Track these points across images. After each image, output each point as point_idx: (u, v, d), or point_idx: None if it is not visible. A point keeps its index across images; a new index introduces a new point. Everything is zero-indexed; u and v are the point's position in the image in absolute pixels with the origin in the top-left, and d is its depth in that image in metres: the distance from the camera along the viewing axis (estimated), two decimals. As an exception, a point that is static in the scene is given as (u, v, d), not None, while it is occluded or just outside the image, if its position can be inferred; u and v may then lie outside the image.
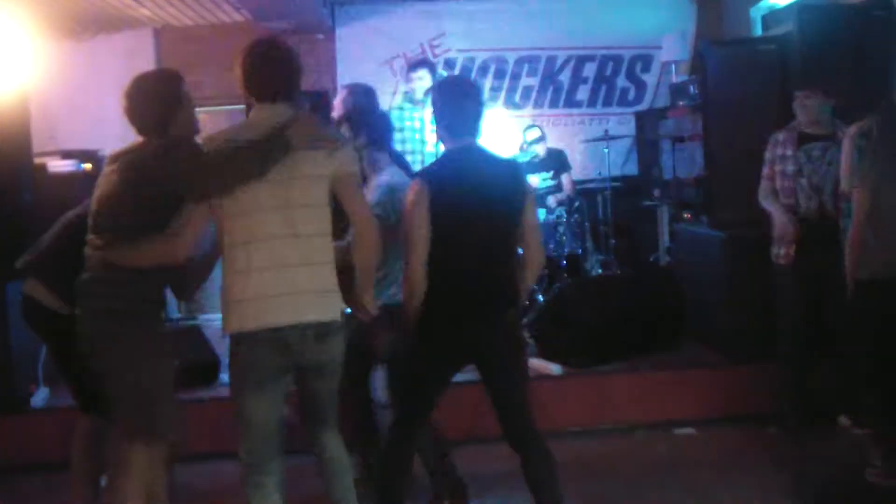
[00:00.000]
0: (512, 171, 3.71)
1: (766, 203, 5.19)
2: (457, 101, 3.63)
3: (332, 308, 3.34)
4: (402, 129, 6.50)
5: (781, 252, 5.08)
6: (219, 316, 3.37)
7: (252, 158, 3.16)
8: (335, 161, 3.32)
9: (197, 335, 6.12)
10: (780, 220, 5.06)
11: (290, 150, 3.21)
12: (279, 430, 3.36)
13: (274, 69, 3.35)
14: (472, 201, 3.50)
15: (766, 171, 5.19)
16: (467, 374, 3.82)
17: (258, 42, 3.40)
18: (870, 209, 4.33)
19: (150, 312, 3.48)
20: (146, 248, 3.34)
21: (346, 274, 3.40)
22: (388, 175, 4.16)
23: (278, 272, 3.23)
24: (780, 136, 5.13)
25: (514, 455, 3.69)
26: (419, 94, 6.65)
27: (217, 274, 3.58)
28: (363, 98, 5.09)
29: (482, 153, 3.67)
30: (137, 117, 3.51)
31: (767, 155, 5.17)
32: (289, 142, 3.20)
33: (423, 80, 6.69)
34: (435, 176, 3.58)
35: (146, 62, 8.91)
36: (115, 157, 3.56)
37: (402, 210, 3.61)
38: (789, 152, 5.05)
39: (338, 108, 5.12)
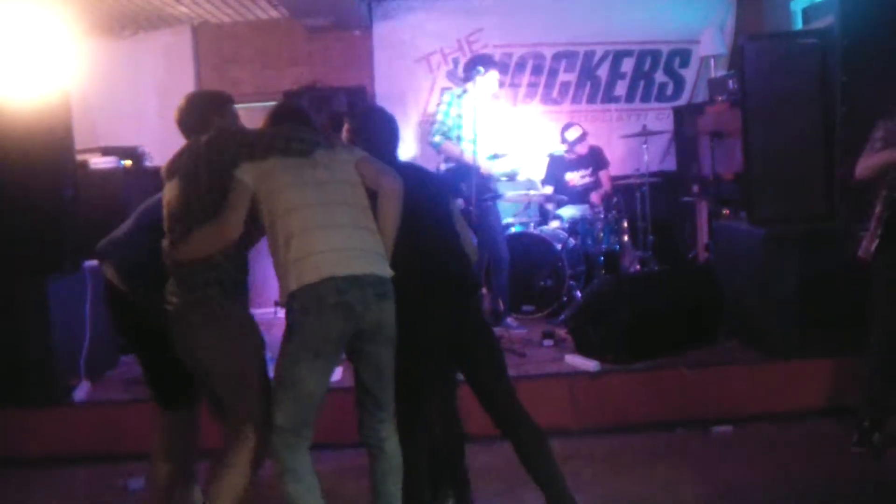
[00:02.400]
0: (435, 178, 4.13)
1: (868, 158, 4.68)
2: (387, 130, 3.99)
3: (386, 267, 3.47)
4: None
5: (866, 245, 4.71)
6: (258, 311, 3.43)
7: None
8: (356, 151, 3.68)
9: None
10: None
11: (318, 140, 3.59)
12: (321, 403, 3.42)
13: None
14: (412, 204, 3.64)
15: (875, 145, 4.66)
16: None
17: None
18: None
19: (225, 294, 3.51)
20: (199, 236, 3.42)
21: None
22: None
23: (328, 231, 3.39)
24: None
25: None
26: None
27: (255, 269, 3.66)
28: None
29: (408, 163, 4.11)
30: (184, 122, 3.79)
31: (875, 134, 4.68)
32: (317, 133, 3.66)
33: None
34: None
35: (184, 60, 9.00)
36: (169, 163, 3.68)
37: None
38: None
39: None
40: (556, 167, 8.24)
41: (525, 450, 3.71)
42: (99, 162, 6.77)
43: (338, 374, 3.71)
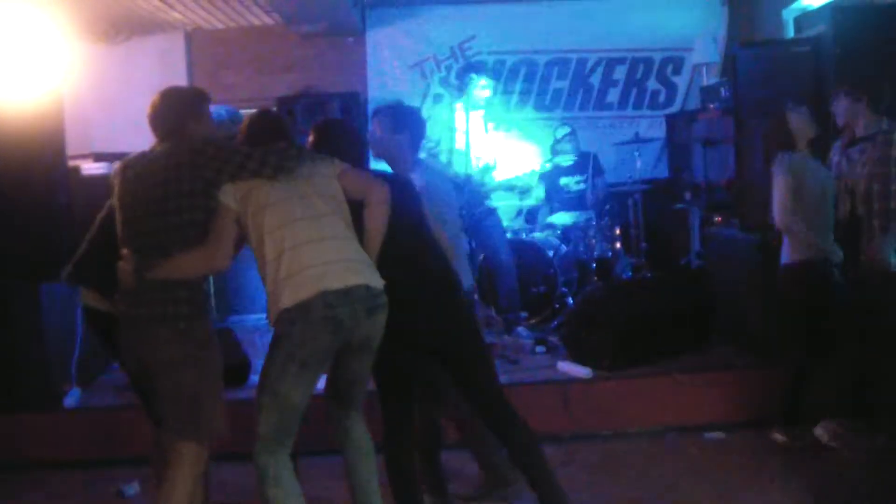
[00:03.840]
0: (406, 182, 4.01)
1: None
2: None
3: (378, 277, 3.46)
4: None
5: None
6: (250, 317, 3.43)
7: (277, 155, 3.49)
8: (336, 163, 3.64)
9: (228, 336, 6.15)
10: None
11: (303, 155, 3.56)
12: (305, 410, 3.42)
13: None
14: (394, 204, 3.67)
15: None
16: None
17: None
18: None
19: (194, 312, 3.48)
20: (188, 261, 3.40)
21: None
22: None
23: (318, 244, 3.38)
24: (838, 141, 5.11)
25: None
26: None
27: (245, 276, 3.68)
28: None
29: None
30: (159, 123, 3.67)
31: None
32: (302, 147, 3.61)
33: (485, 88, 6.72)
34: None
35: (178, 65, 9.00)
36: (134, 164, 3.61)
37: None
38: (835, 158, 5.01)
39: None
40: (552, 174, 8.22)
41: (515, 450, 3.73)
42: (92, 168, 6.76)
43: (324, 381, 3.73)
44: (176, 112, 3.65)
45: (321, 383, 3.63)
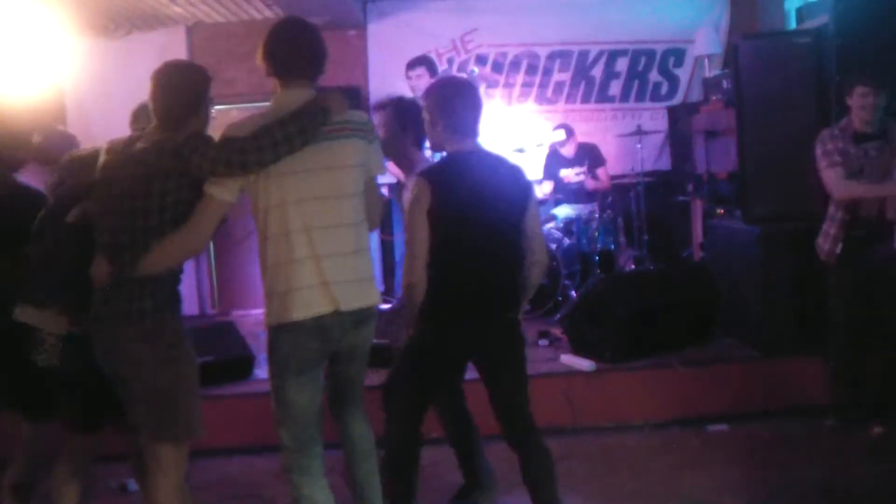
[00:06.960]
0: (515, 175, 3.69)
1: (855, 186, 4.88)
2: (460, 101, 3.60)
3: (372, 294, 3.43)
4: None
5: (827, 248, 5.04)
6: (253, 311, 3.40)
7: (289, 130, 3.20)
8: (373, 150, 3.45)
9: (231, 331, 6.16)
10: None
11: (329, 117, 3.29)
12: (321, 414, 3.39)
13: (301, 48, 3.53)
14: (475, 203, 3.49)
15: (835, 158, 4.88)
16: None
17: (285, 21, 3.64)
18: None
19: (159, 307, 3.30)
20: (167, 248, 3.23)
21: None
22: None
23: (323, 261, 3.25)
24: (836, 131, 4.94)
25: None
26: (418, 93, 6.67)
27: (249, 270, 3.64)
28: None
29: (486, 155, 3.66)
30: (162, 108, 3.45)
31: (829, 147, 4.90)
32: (328, 108, 3.30)
33: (421, 78, 6.70)
34: (437, 175, 3.56)
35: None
36: (122, 148, 3.47)
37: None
38: (851, 150, 4.87)
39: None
40: (553, 163, 8.23)
41: (529, 467, 3.67)
42: (93, 162, 6.75)
43: None
44: (180, 104, 3.43)
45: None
